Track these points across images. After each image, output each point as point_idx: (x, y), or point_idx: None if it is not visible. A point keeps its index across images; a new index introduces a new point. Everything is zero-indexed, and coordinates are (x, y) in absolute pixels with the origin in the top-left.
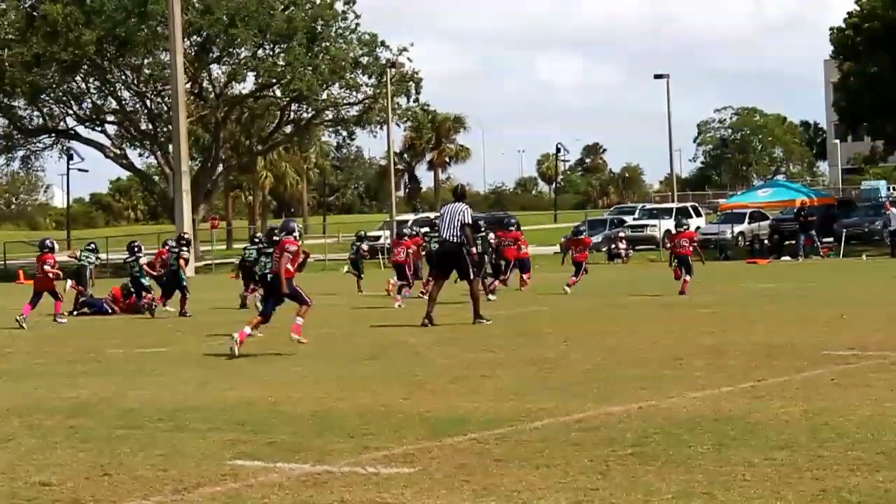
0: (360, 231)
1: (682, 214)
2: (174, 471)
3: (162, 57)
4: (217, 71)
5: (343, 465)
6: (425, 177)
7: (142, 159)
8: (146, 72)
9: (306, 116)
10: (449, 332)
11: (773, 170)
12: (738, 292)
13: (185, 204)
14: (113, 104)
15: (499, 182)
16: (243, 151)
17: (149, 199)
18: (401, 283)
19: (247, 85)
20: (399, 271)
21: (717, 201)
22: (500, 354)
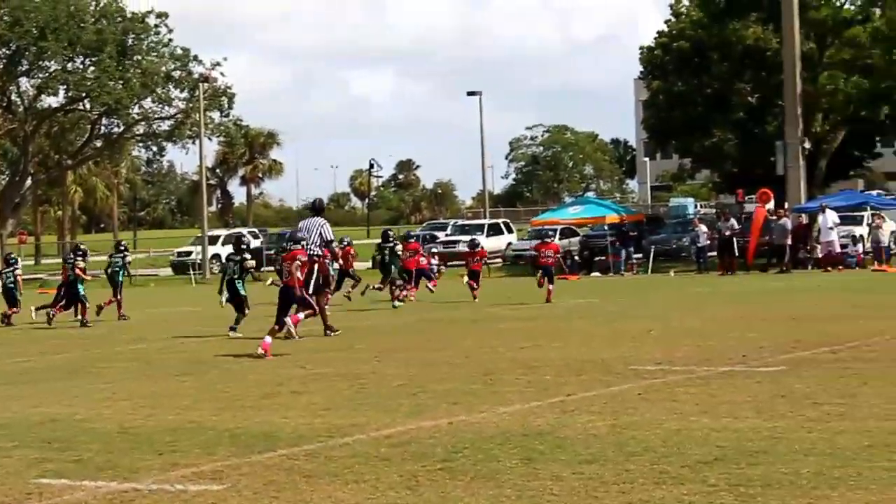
0: (386, 229)
1: (494, 230)
2: None
3: None
4: (26, 84)
5: (151, 483)
6: (238, 192)
7: None
8: None
9: (117, 130)
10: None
11: (584, 187)
12: (549, 307)
13: None
14: None
15: (312, 197)
16: (52, 165)
17: None
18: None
19: (57, 98)
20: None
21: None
22: (312, 370)
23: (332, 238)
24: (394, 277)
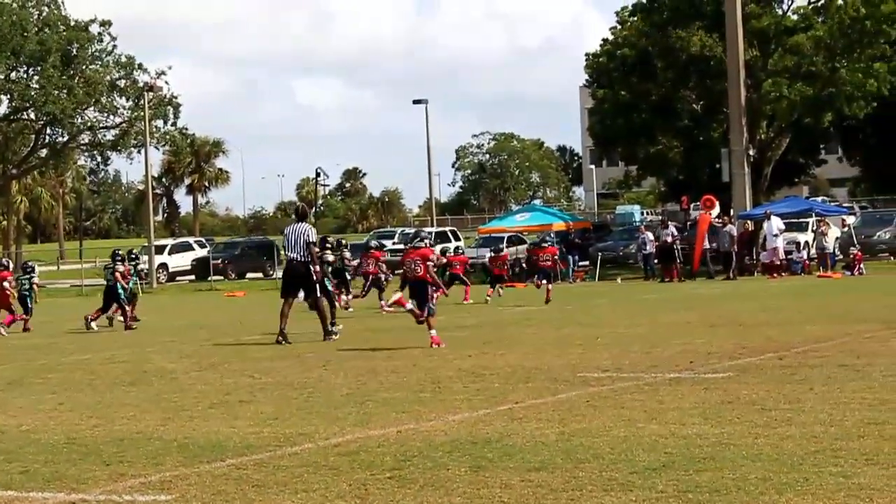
0: (339, 238)
1: (441, 238)
2: None
3: None
4: None
5: (98, 494)
6: (184, 201)
7: None
8: None
9: (62, 140)
10: (209, 356)
11: (531, 194)
12: (497, 315)
13: None
14: None
15: (259, 206)
16: None
17: None
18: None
19: (0, 108)
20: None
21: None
22: (260, 379)
23: (314, 241)
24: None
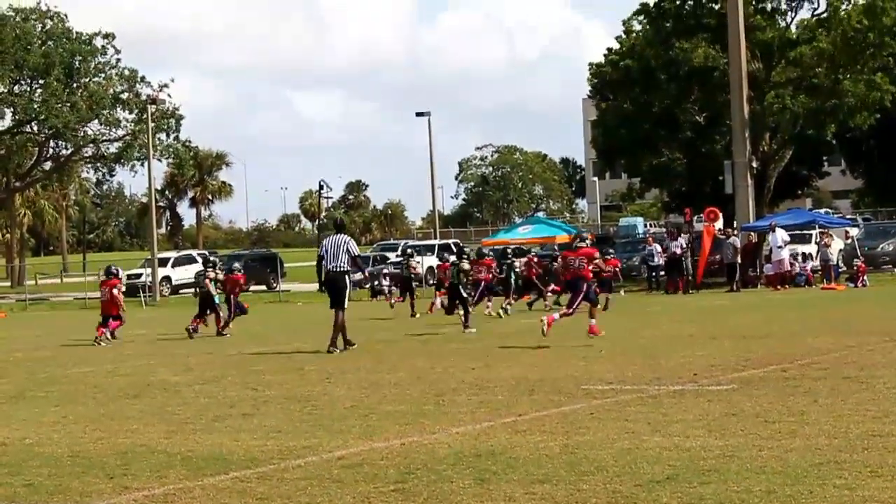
0: (405, 244)
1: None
2: None
3: None
4: None
5: None
6: (187, 214)
7: None
8: None
9: (65, 153)
10: (211, 370)
11: (534, 207)
12: (499, 327)
13: None
14: None
15: (262, 219)
16: (0, 188)
17: None
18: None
19: (3, 121)
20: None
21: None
22: (263, 392)
23: (358, 253)
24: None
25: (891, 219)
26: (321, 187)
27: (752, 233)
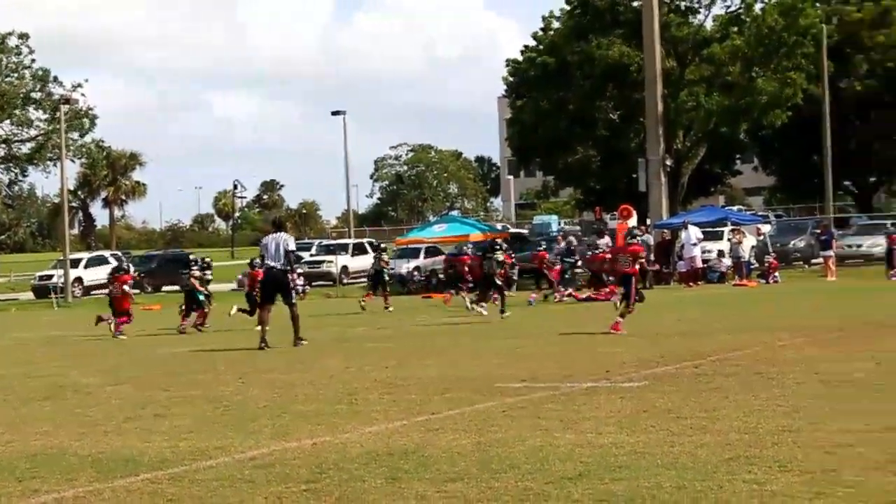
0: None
1: (359, 250)
2: None
3: None
4: None
5: None
6: (100, 214)
7: None
8: None
9: None
10: (124, 371)
11: (448, 205)
12: (415, 326)
13: None
14: None
15: (175, 219)
16: None
17: None
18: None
19: None
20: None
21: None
22: (175, 392)
23: (293, 249)
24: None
25: (801, 216)
26: (235, 187)
27: (666, 230)
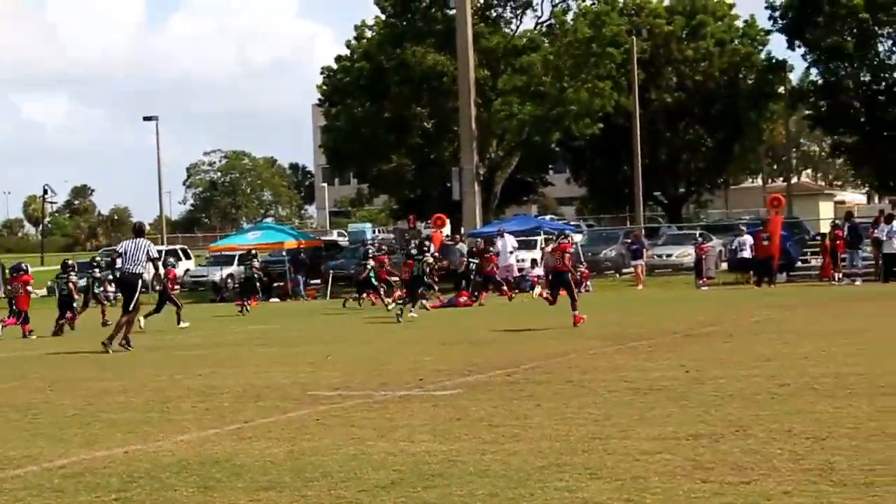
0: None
1: (172, 257)
2: None
3: None
4: None
5: None
6: None
7: None
8: None
9: None
10: None
11: (263, 212)
12: (229, 334)
13: None
14: None
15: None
16: None
17: None
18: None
19: None
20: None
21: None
22: None
23: (156, 256)
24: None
25: (612, 225)
26: (45, 192)
27: (479, 239)
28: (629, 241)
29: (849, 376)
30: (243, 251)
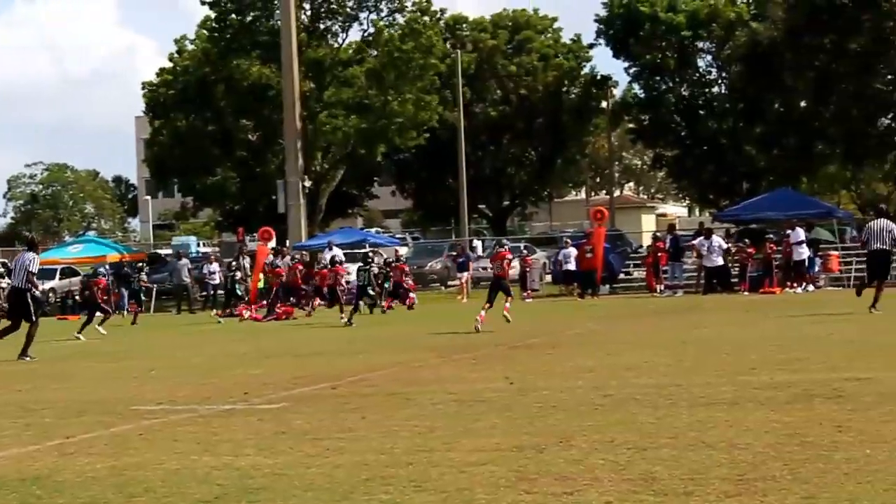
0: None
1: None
2: None
3: None
4: None
5: None
6: None
7: None
8: None
9: None
10: None
11: (85, 226)
12: (52, 349)
13: None
14: None
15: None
16: None
17: None
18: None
19: None
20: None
21: None
22: None
23: (34, 271)
24: None
25: (438, 238)
26: None
27: (304, 252)
28: (454, 253)
29: (669, 387)
30: (62, 266)
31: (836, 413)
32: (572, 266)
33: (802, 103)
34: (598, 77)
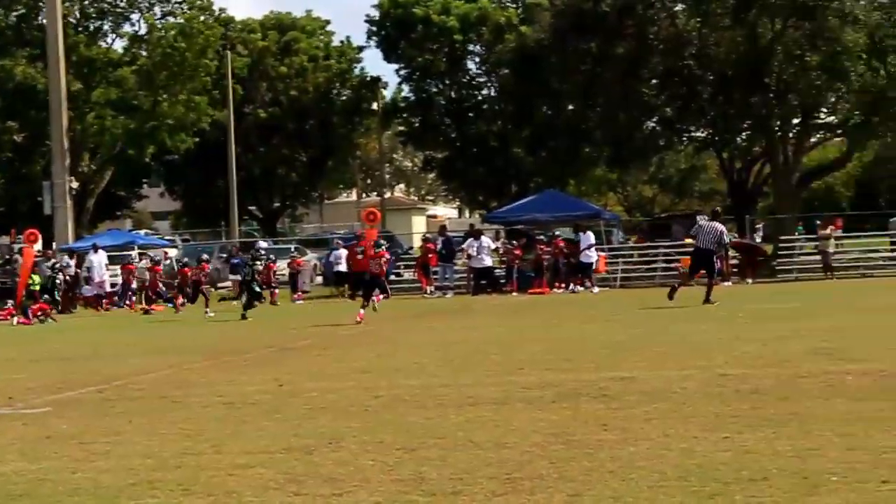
0: None
1: None
2: None
3: None
4: None
5: None
6: None
7: None
8: None
9: None
10: None
11: None
12: None
13: None
14: None
15: None
16: None
17: None
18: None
19: None
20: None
21: None
22: None
23: None
24: None
25: (208, 239)
26: None
27: (72, 254)
28: (224, 255)
29: (438, 387)
30: None
31: (601, 412)
32: (343, 267)
33: (570, 107)
34: (369, 79)
